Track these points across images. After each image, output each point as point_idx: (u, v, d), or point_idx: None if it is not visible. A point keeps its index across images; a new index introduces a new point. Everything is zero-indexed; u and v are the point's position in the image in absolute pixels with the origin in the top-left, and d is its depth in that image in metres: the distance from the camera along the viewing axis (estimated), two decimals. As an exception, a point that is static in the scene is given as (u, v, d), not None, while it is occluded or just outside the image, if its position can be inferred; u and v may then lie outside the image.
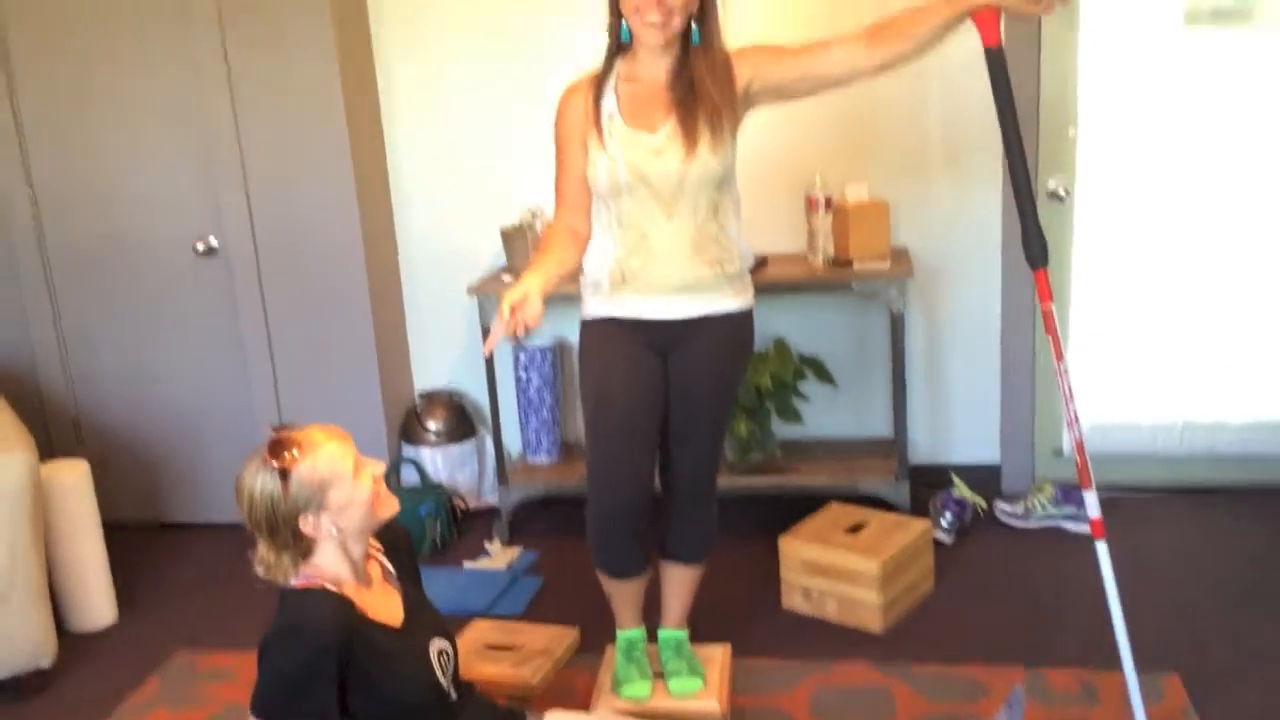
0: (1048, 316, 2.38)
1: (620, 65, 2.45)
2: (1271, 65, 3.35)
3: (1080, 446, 2.40)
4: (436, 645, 2.12)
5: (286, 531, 1.97)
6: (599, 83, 2.45)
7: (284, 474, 1.94)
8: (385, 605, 2.09)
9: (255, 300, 3.73)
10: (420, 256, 3.92)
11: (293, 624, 1.92)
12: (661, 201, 2.41)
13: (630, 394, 2.50)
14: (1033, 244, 2.35)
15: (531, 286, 2.36)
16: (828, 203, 3.46)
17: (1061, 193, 3.55)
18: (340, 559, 2.01)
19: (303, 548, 2.00)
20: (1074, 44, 3.43)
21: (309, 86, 3.53)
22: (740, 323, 2.57)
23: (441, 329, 3.98)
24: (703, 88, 2.36)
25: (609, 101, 2.43)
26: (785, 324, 3.69)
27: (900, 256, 3.50)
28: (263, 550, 2.01)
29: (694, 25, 2.37)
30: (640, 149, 2.39)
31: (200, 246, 3.72)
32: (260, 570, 2.02)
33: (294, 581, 2.00)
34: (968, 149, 3.55)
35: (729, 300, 2.52)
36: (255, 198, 3.65)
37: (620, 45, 2.43)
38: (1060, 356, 2.39)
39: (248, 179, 3.63)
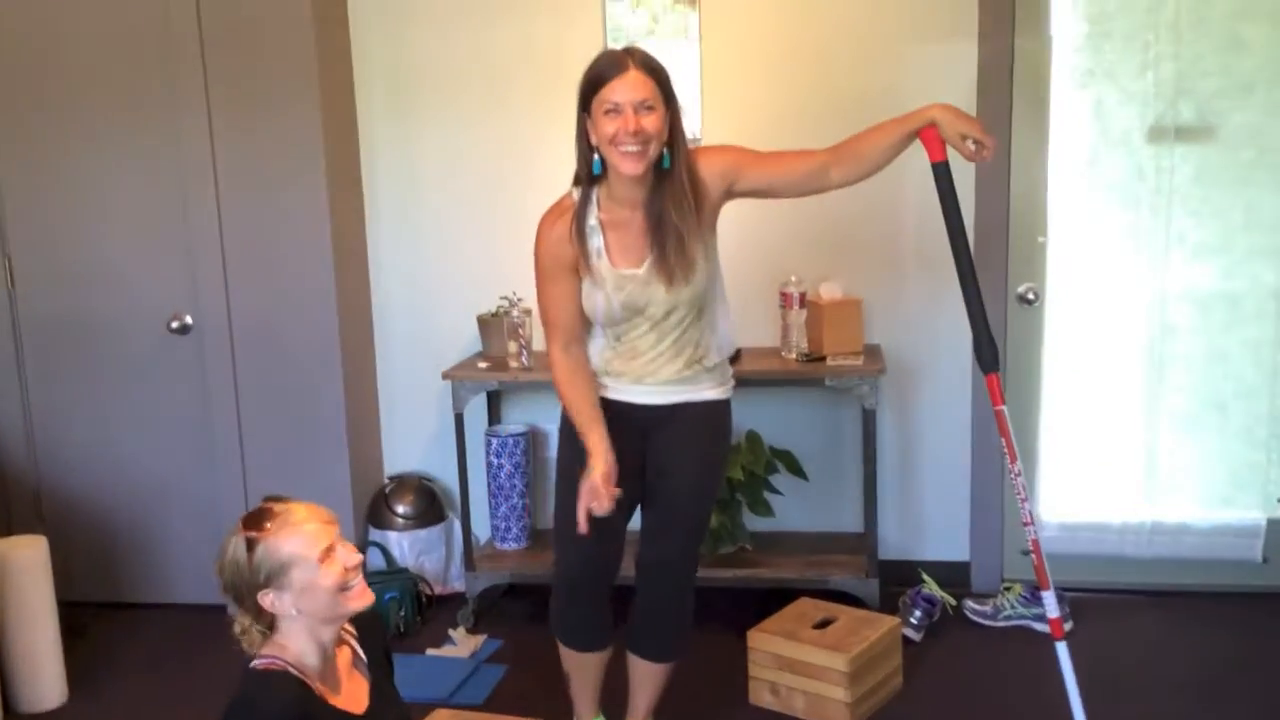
0: (1000, 419, 2.45)
1: (598, 195, 2.46)
2: (1230, 179, 3.45)
3: (1036, 546, 2.45)
4: None
5: (250, 601, 1.94)
6: (580, 216, 2.45)
7: (250, 544, 1.92)
8: (350, 692, 2.04)
9: (227, 379, 3.71)
10: (395, 338, 3.93)
11: (246, 701, 1.89)
12: (653, 321, 2.48)
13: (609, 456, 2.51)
14: (984, 350, 2.48)
15: (610, 456, 2.45)
16: (802, 299, 3.52)
17: (1031, 296, 3.62)
18: (306, 640, 1.97)
19: (265, 621, 1.97)
20: (1044, 155, 3.54)
21: (292, 167, 3.57)
22: (718, 409, 2.62)
23: (414, 412, 3.97)
24: (668, 218, 2.40)
25: (595, 240, 2.45)
26: (758, 417, 3.71)
27: (873, 353, 3.54)
28: (238, 615, 1.98)
29: (665, 150, 2.39)
30: (631, 284, 2.45)
31: (175, 324, 3.71)
32: (236, 631, 1.99)
33: (258, 659, 1.96)
34: (941, 251, 3.54)
35: (708, 390, 2.59)
36: (233, 276, 3.65)
37: (593, 177, 2.43)
38: (1014, 459, 2.44)
39: (226, 257, 3.64)
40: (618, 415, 2.54)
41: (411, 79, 3.76)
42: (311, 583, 1.93)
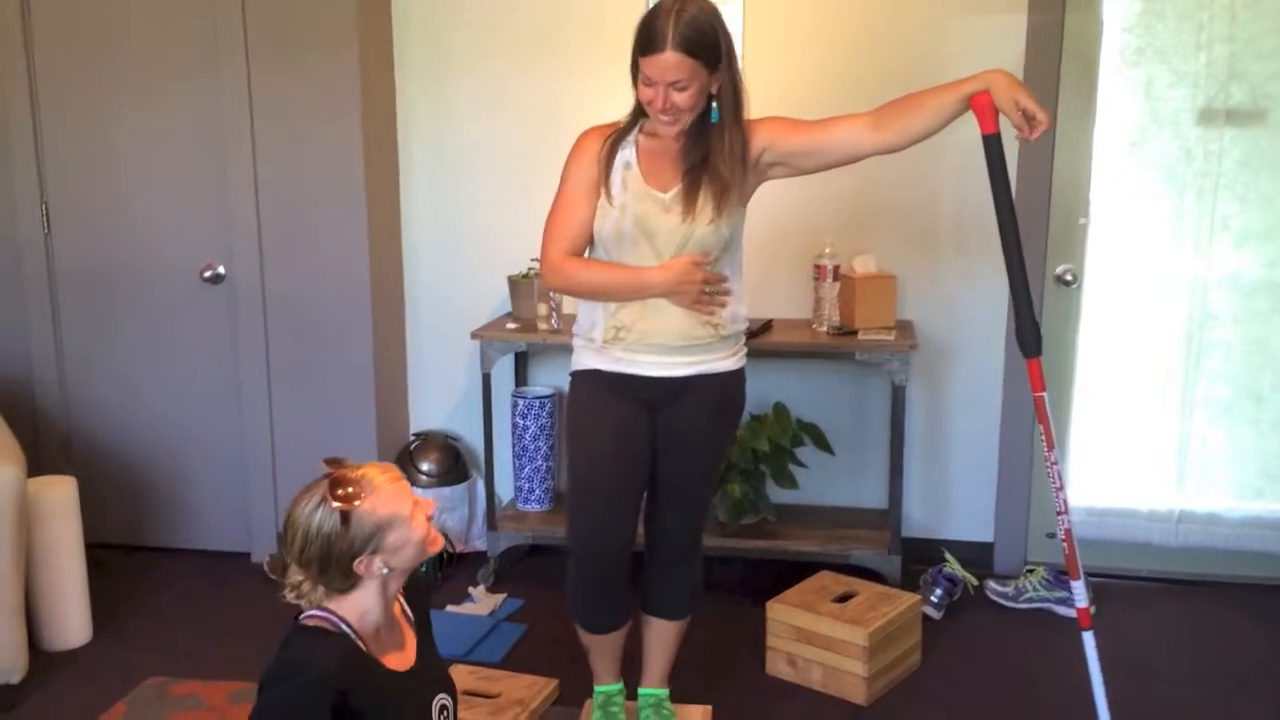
0: (1039, 405, 2.40)
1: (644, 122, 2.46)
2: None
3: (1069, 536, 2.40)
4: (440, 700, 2.08)
5: (339, 570, 1.91)
6: (621, 132, 2.46)
7: (345, 516, 1.89)
8: (399, 646, 2.04)
9: (258, 330, 3.73)
10: (426, 297, 3.93)
11: (295, 660, 1.87)
12: (662, 258, 2.41)
13: (616, 448, 2.49)
14: (1026, 333, 2.38)
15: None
16: (835, 271, 3.48)
17: (1069, 278, 3.57)
18: (376, 596, 1.97)
19: (349, 584, 1.94)
20: (1089, 135, 3.48)
21: (328, 122, 3.56)
22: (732, 382, 2.56)
23: (442, 371, 3.97)
24: (715, 164, 2.38)
25: (627, 152, 2.44)
26: (786, 389, 3.69)
27: (905, 329, 3.51)
28: (298, 578, 1.94)
29: (714, 105, 2.37)
30: (650, 203, 2.40)
31: (207, 274, 3.73)
32: (290, 596, 1.96)
33: (310, 613, 1.94)
34: (978, 230, 3.57)
35: (722, 361, 2.51)
36: (266, 227, 3.66)
37: (643, 111, 2.42)
38: (1051, 446, 2.39)
39: (261, 209, 3.65)
40: (626, 388, 2.49)
41: (449, 37, 3.74)
42: (405, 539, 1.93)
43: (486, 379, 3.57)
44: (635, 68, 2.35)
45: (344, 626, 1.93)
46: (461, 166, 3.82)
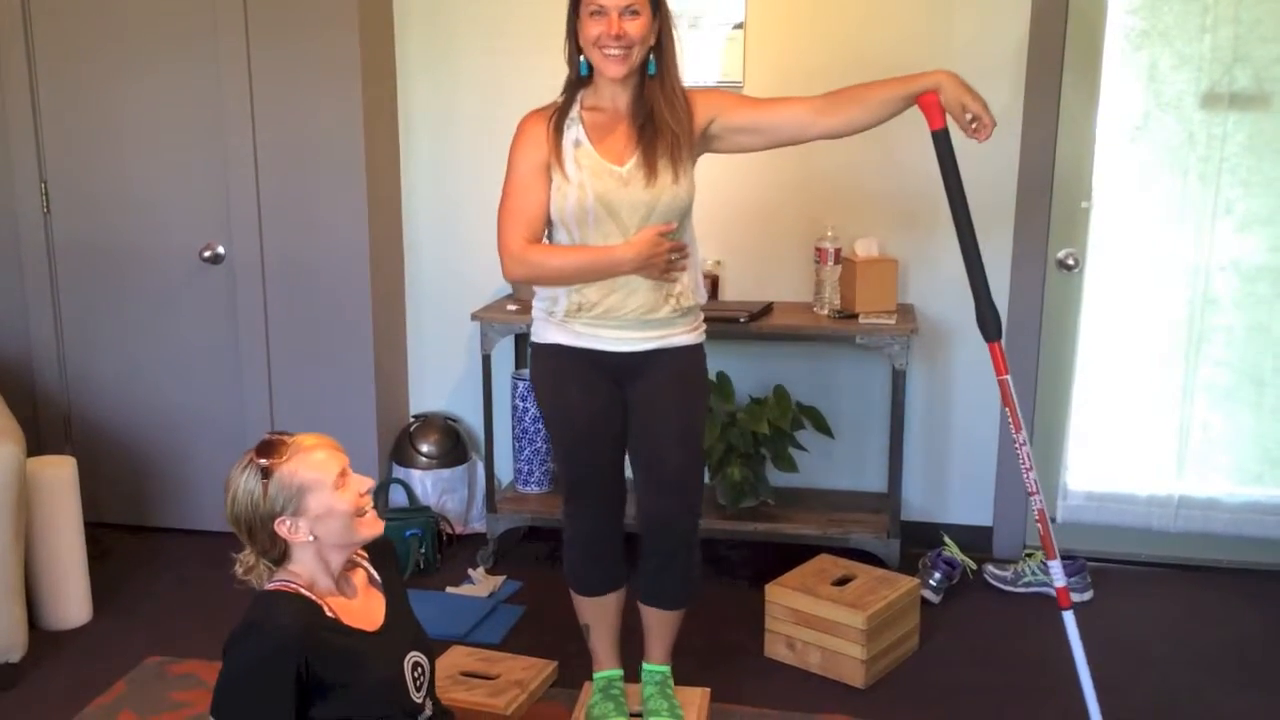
0: (1004, 388, 2.46)
1: (583, 95, 2.48)
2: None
3: (1043, 515, 2.44)
4: (412, 658, 2.10)
5: (264, 533, 1.97)
6: (561, 112, 2.47)
7: (266, 472, 1.95)
8: (365, 609, 2.07)
9: (257, 310, 3.72)
10: (426, 278, 3.92)
11: (255, 622, 1.92)
12: (627, 232, 2.41)
13: (589, 410, 2.52)
14: (986, 317, 2.44)
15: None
16: (837, 254, 3.47)
17: (1071, 262, 3.56)
18: (317, 566, 2.01)
19: (278, 551, 2.00)
20: (1093, 118, 3.46)
21: (329, 101, 3.55)
22: (691, 356, 2.56)
23: (442, 352, 3.97)
24: (661, 119, 2.40)
25: (574, 130, 2.44)
26: (786, 372, 3.68)
27: (906, 313, 3.50)
28: (245, 551, 2.02)
29: (651, 57, 2.41)
30: (608, 178, 2.40)
31: (207, 253, 3.72)
32: (239, 571, 2.03)
33: (269, 584, 1.98)
34: (979, 215, 3.48)
35: (681, 335, 2.53)
36: (266, 207, 3.65)
37: (580, 79, 2.46)
38: (1019, 427, 2.44)
39: (260, 188, 3.64)
40: (588, 362, 2.50)
41: (450, 17, 3.71)
42: (329, 507, 1.96)
43: (486, 360, 3.57)
44: (576, 13, 2.40)
45: (302, 590, 1.96)
46: (462, 147, 3.80)
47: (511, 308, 3.57)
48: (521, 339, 3.84)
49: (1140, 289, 3.53)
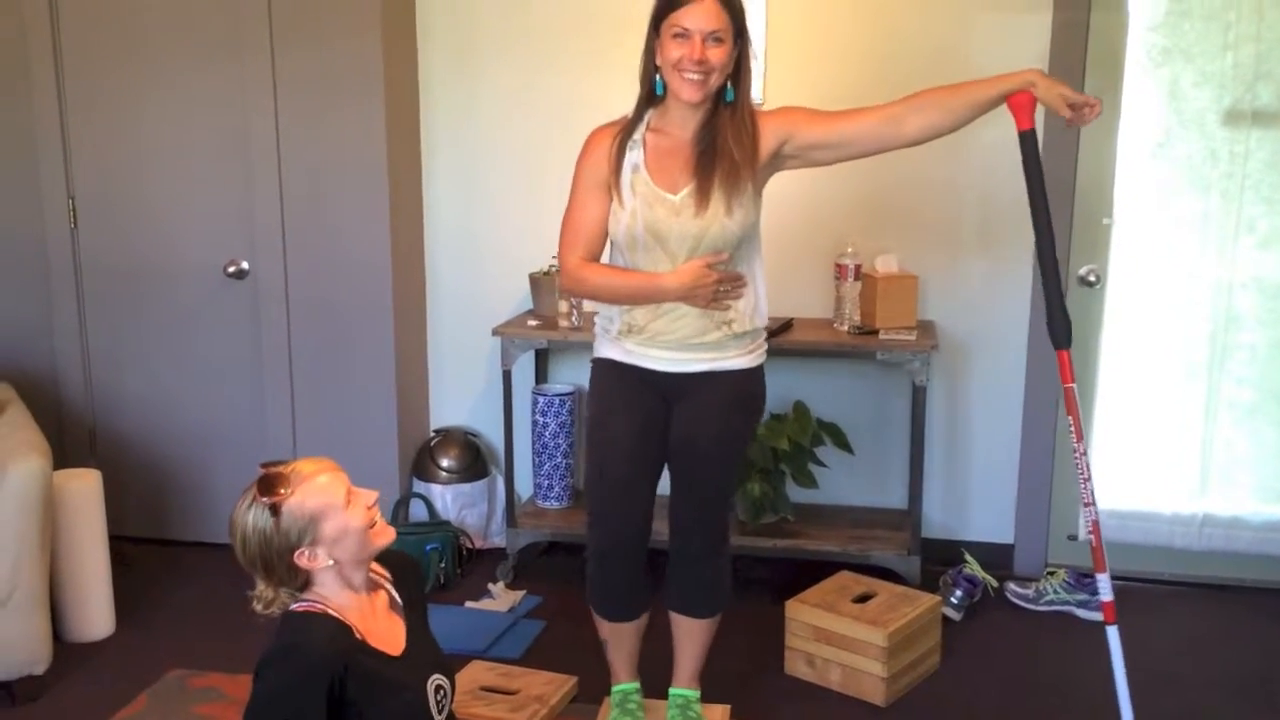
0: (1069, 396, 2.40)
1: (651, 116, 2.47)
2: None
3: (1096, 528, 2.40)
4: (435, 681, 2.10)
5: (282, 566, 1.96)
6: (627, 130, 2.46)
7: (275, 509, 1.93)
8: (388, 633, 2.07)
9: (280, 324, 3.75)
10: (447, 293, 3.94)
11: (289, 644, 1.92)
12: (675, 260, 2.41)
13: (632, 433, 2.51)
14: (1057, 325, 2.39)
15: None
16: (857, 271, 3.48)
17: (1092, 279, 3.55)
18: (340, 588, 2.00)
19: (299, 581, 1.99)
20: (1114, 135, 3.45)
21: (353, 119, 3.58)
22: (749, 379, 2.55)
23: (463, 367, 3.98)
24: (724, 145, 2.38)
25: (635, 154, 2.43)
26: (807, 388, 3.68)
27: (926, 329, 3.50)
28: (261, 587, 2.00)
29: (729, 84, 2.38)
30: (660, 207, 2.40)
31: (231, 269, 3.75)
32: (259, 607, 2.01)
33: (297, 604, 1.98)
34: (999, 228, 3.56)
35: (737, 358, 2.51)
36: (290, 223, 3.68)
37: (653, 97, 2.44)
38: (1080, 437, 2.40)
39: (284, 203, 3.67)
40: (638, 379, 2.51)
41: (472, 34, 3.74)
42: (343, 529, 1.96)
43: (507, 375, 3.58)
44: (656, 32, 2.36)
45: (330, 611, 1.96)
46: (484, 162, 3.82)
47: (532, 323, 3.59)
48: (542, 354, 3.85)
49: (1162, 306, 3.52)
